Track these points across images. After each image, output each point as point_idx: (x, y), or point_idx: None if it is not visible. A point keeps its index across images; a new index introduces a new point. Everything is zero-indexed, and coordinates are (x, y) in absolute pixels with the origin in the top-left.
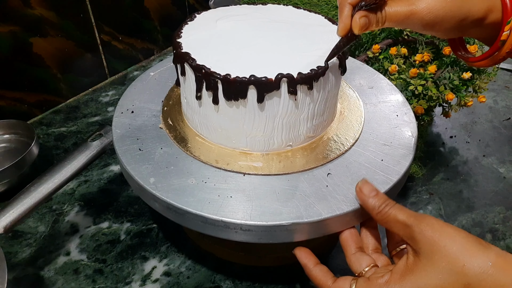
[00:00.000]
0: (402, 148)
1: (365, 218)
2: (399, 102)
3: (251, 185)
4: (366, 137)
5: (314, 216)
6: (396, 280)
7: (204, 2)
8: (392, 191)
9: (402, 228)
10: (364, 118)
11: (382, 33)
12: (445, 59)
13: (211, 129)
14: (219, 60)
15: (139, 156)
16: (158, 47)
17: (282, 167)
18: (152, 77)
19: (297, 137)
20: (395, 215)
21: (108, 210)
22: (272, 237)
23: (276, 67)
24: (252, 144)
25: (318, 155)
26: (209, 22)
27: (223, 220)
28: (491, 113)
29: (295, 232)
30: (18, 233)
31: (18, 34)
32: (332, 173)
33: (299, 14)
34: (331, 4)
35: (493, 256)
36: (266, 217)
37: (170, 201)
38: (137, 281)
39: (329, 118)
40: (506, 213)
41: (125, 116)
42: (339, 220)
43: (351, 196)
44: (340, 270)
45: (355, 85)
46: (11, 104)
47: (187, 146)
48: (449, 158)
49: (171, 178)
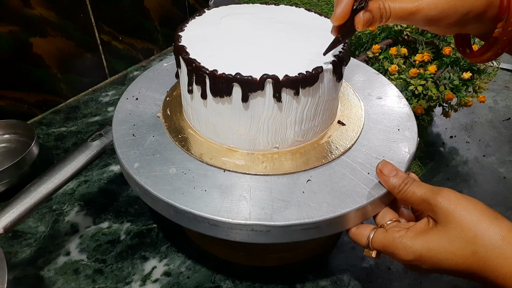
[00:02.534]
0: (394, 162)
1: (334, 232)
2: (404, 116)
3: (228, 182)
4: (359, 148)
5: (278, 221)
6: (409, 237)
7: (204, 2)
8: (376, 203)
9: (421, 203)
10: (362, 128)
11: (382, 33)
12: (445, 59)
13: (201, 123)
14: (212, 56)
15: (130, 141)
16: (158, 47)
17: (263, 168)
18: (164, 67)
19: (283, 140)
20: (414, 192)
21: (108, 210)
22: (236, 235)
23: (267, 67)
24: (238, 142)
25: (303, 160)
26: (214, 18)
27: (191, 212)
28: (491, 113)
29: (259, 235)
30: (18, 233)
31: (18, 34)
32: (312, 180)
33: (306, 16)
34: (331, 4)
35: (505, 230)
36: (232, 214)
37: (147, 187)
38: (137, 281)
39: (323, 124)
40: (506, 213)
41: (129, 102)
42: (303, 228)
43: (324, 206)
44: (340, 270)
45: (364, 94)
46: (11, 104)
47: (177, 137)
48: (449, 158)
49: (154, 165)
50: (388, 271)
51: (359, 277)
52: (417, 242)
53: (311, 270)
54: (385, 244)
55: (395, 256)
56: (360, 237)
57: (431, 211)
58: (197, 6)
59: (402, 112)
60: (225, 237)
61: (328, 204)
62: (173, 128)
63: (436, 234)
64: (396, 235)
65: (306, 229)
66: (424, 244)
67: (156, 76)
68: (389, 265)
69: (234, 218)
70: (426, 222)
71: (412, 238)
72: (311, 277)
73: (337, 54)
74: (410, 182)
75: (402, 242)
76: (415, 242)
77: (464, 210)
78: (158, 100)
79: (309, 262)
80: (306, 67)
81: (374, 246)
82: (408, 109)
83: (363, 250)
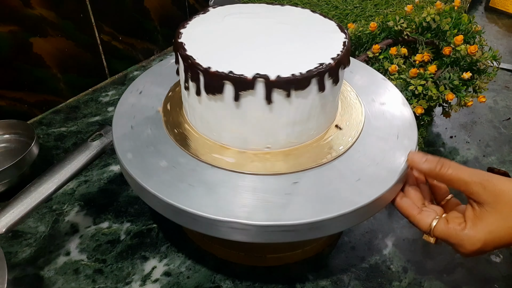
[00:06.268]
0: (387, 171)
1: (315, 236)
2: (406, 124)
3: (215, 178)
4: (353, 154)
5: (255, 220)
6: (470, 226)
7: (204, 2)
8: (359, 212)
9: (463, 185)
10: (360, 134)
11: (382, 33)
12: (445, 59)
13: (196, 119)
14: (209, 53)
15: (128, 133)
16: (158, 47)
17: (252, 167)
18: (172, 63)
19: (276, 140)
20: (455, 175)
21: (108, 210)
22: (215, 232)
23: (262, 67)
24: (231, 139)
25: (294, 163)
26: (218, 17)
27: (174, 205)
28: (491, 113)
29: (237, 233)
30: (18, 233)
31: (18, 34)
32: (299, 183)
33: (311, 18)
34: (331, 4)
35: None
36: (213, 210)
37: (135, 177)
38: (137, 281)
39: (318, 127)
40: None
41: (133, 95)
42: (282, 230)
43: (305, 210)
44: (340, 270)
45: (367, 100)
46: (11, 104)
47: (173, 132)
48: (449, 158)
49: (146, 157)
50: (388, 271)
51: (359, 277)
52: (479, 229)
53: (311, 270)
54: (449, 235)
55: (459, 248)
56: (422, 223)
57: (473, 193)
58: (197, 6)
59: (404, 120)
60: (205, 232)
61: (309, 209)
62: (171, 122)
63: (491, 215)
64: (457, 227)
65: (284, 231)
66: (485, 228)
67: (164, 71)
68: (389, 265)
69: (214, 214)
70: (472, 208)
71: (473, 227)
72: (311, 277)
73: (335, 56)
74: (447, 165)
75: (466, 233)
76: (477, 231)
77: (509, 190)
78: (161, 95)
79: (309, 262)
80: (301, 68)
81: (436, 234)
82: (411, 117)
83: (363, 250)
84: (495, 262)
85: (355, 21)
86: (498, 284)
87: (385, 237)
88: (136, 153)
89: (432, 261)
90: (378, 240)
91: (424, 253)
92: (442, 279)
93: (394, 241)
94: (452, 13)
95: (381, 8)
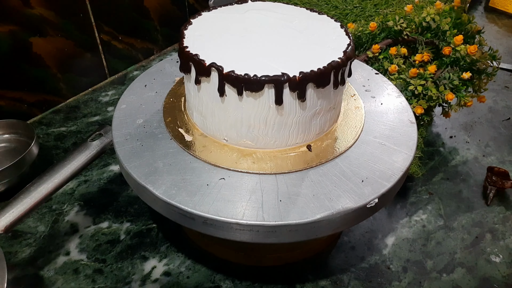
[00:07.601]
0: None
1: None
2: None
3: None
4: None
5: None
6: None
7: (203, 2)
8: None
9: None
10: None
11: (382, 33)
12: (445, 59)
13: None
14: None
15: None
16: (158, 47)
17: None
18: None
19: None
20: None
21: (108, 210)
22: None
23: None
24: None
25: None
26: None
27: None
28: (491, 113)
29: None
30: (18, 233)
31: (18, 34)
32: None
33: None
34: (331, 4)
35: None
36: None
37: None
38: (137, 281)
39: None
40: (506, 213)
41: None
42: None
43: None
44: (340, 270)
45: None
46: (11, 104)
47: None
48: (449, 158)
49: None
50: (388, 271)
51: (359, 277)
52: None
53: (311, 270)
54: None
55: None
56: None
57: None
58: (197, 6)
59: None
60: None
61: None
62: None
63: None
64: None
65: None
66: None
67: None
68: (389, 265)
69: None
70: None
71: None
72: (311, 277)
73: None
74: None
75: None
76: None
77: None
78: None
79: (309, 262)
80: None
81: None
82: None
83: (363, 250)
84: (495, 262)
85: (355, 21)
86: (498, 284)
87: (385, 237)
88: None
89: (432, 261)
90: (378, 240)
91: (424, 253)
92: (442, 279)
93: (394, 241)
94: (452, 13)
95: (381, 8)
